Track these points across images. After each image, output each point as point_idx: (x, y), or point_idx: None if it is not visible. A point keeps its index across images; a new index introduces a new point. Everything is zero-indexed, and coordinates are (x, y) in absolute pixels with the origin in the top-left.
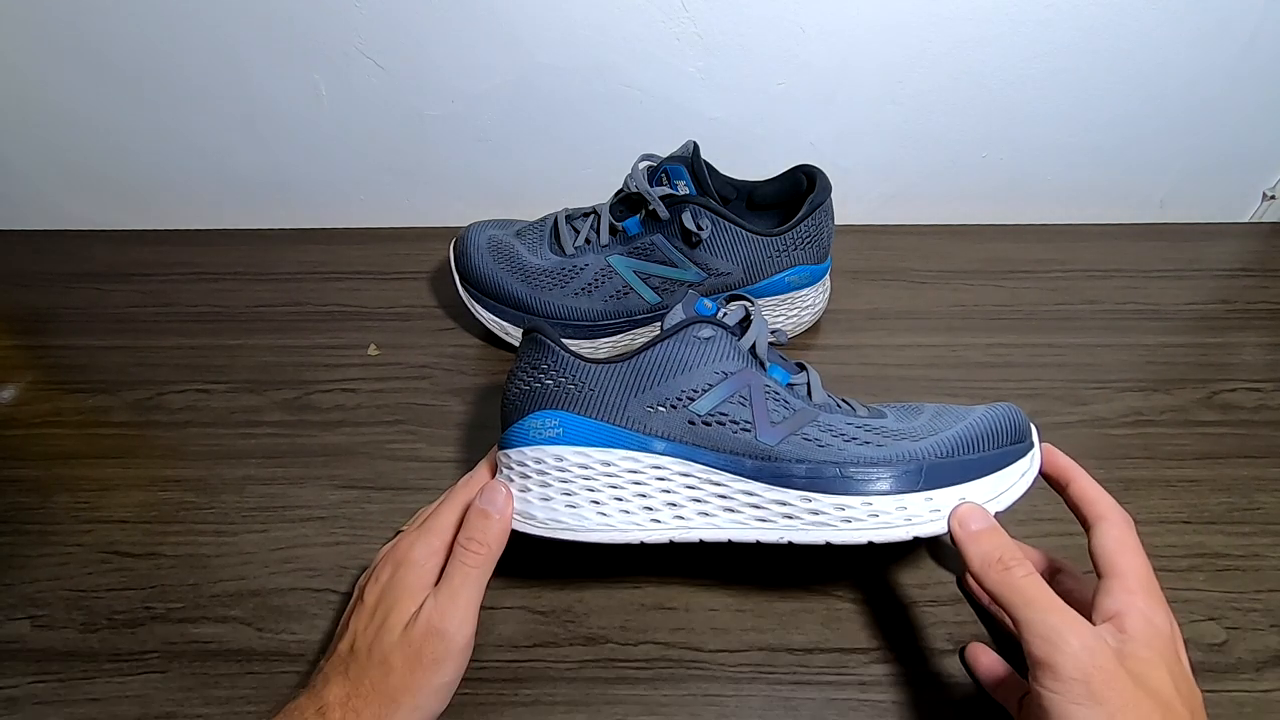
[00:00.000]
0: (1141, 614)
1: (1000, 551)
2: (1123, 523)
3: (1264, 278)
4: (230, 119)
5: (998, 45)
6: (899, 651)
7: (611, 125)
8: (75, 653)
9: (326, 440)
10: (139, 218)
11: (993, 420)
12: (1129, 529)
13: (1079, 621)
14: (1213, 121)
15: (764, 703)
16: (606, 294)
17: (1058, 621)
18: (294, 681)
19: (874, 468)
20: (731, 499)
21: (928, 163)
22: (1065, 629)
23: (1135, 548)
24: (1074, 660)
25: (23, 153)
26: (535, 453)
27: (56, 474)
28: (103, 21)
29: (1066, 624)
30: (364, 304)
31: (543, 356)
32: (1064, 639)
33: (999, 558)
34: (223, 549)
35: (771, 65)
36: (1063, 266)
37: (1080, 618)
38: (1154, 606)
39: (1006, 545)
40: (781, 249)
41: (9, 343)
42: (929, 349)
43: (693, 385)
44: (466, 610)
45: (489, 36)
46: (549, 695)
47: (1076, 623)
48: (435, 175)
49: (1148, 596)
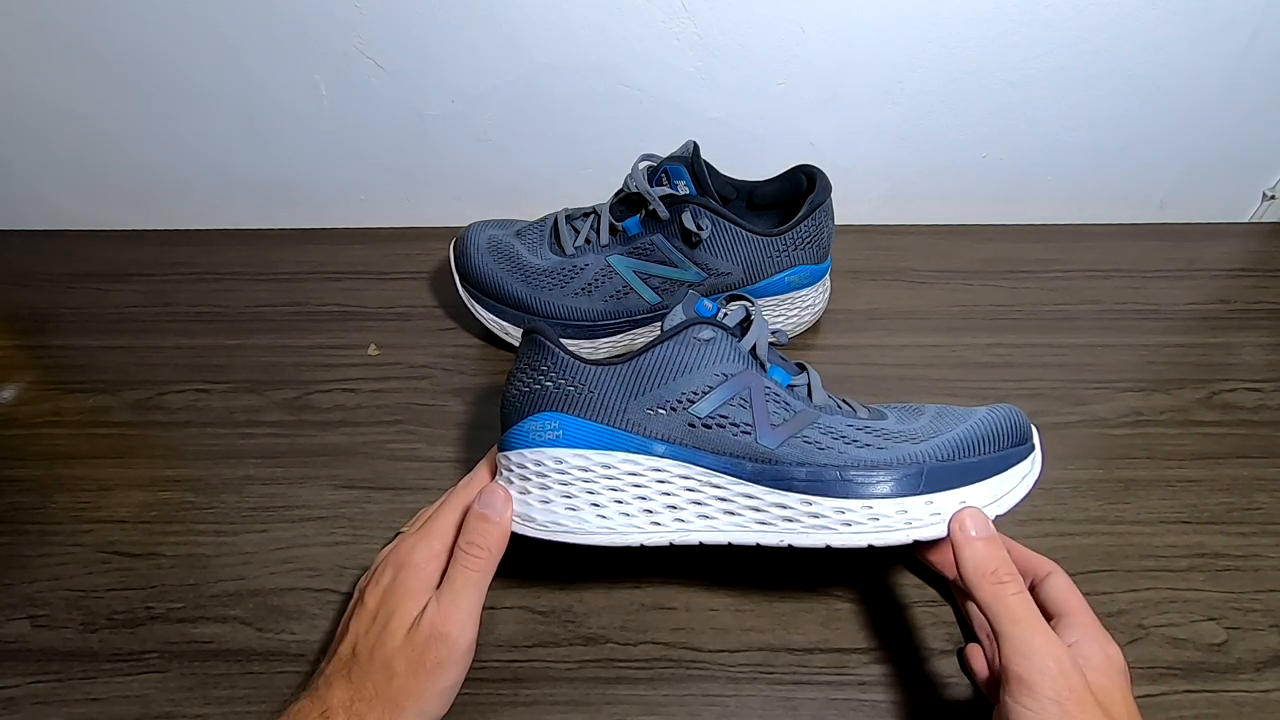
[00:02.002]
0: (1099, 646)
1: (995, 564)
2: (1065, 573)
3: (1264, 278)
4: (230, 119)
5: (998, 45)
6: (899, 651)
7: (611, 125)
8: (75, 653)
9: (326, 440)
10: (139, 218)
11: (994, 422)
12: (1069, 578)
13: (1059, 645)
14: (1213, 121)
15: (764, 703)
16: (606, 294)
17: (1040, 644)
18: (294, 682)
19: (875, 471)
20: (732, 502)
21: (928, 163)
22: (1046, 651)
23: (1079, 593)
24: (1051, 681)
25: (22, 153)
26: (535, 455)
27: (56, 474)
28: (103, 22)
29: (1048, 646)
30: (364, 304)
31: (542, 358)
32: (1044, 660)
33: (993, 570)
34: (223, 549)
35: (771, 65)
36: (1063, 266)
37: (1060, 641)
38: (1108, 641)
39: (1002, 559)
40: (781, 249)
41: (9, 343)
42: (929, 349)
43: (693, 387)
44: (469, 614)
45: (489, 36)
46: (549, 695)
47: (1057, 647)
48: (435, 175)
49: (1100, 632)
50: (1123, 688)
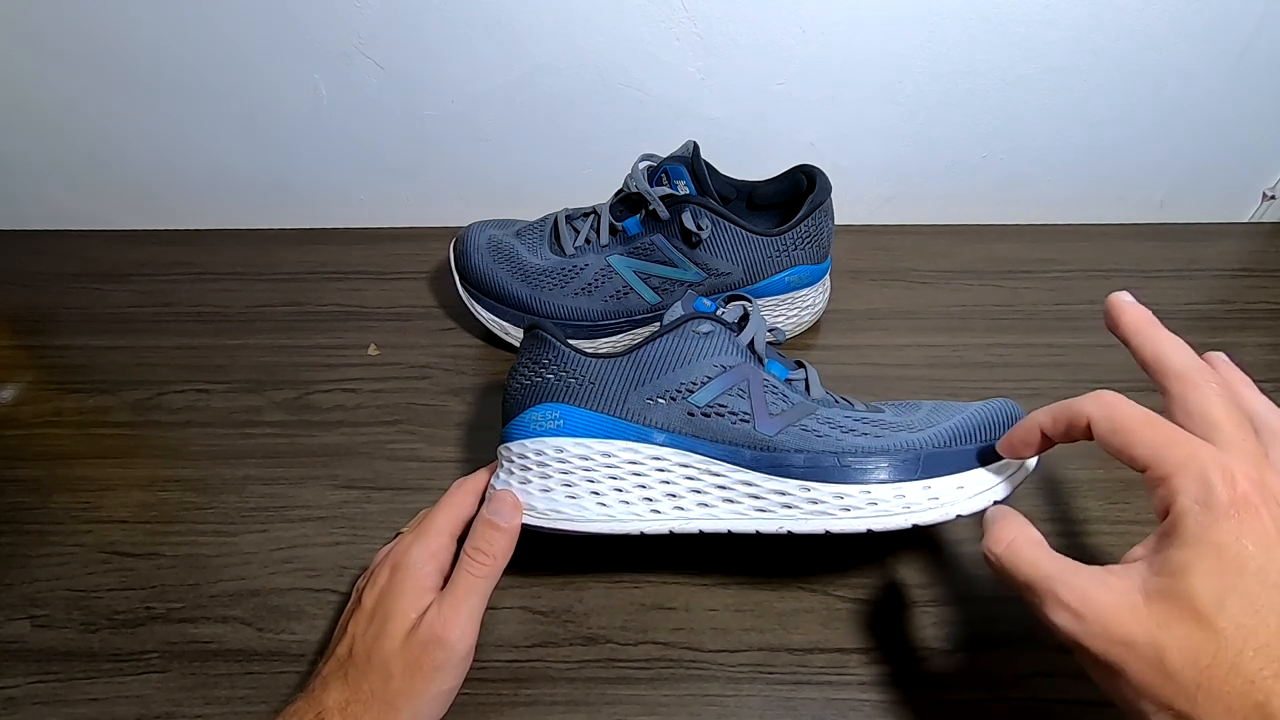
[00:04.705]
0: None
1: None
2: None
3: (1264, 278)
4: (230, 119)
5: (998, 45)
6: (899, 651)
7: (611, 125)
8: (75, 653)
9: (326, 440)
10: (139, 218)
11: (990, 413)
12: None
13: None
14: (1213, 121)
15: (764, 703)
16: (606, 294)
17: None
18: (294, 682)
19: (872, 457)
20: (731, 489)
21: (928, 163)
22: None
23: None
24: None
25: (23, 152)
26: (536, 444)
27: (56, 474)
28: (103, 21)
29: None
30: (364, 304)
31: (544, 352)
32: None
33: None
34: (223, 549)
35: (771, 65)
36: (1063, 266)
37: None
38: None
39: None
40: (781, 249)
41: (9, 343)
42: (929, 349)
43: (692, 378)
44: (469, 619)
45: (489, 36)
46: (549, 695)
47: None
48: (435, 175)
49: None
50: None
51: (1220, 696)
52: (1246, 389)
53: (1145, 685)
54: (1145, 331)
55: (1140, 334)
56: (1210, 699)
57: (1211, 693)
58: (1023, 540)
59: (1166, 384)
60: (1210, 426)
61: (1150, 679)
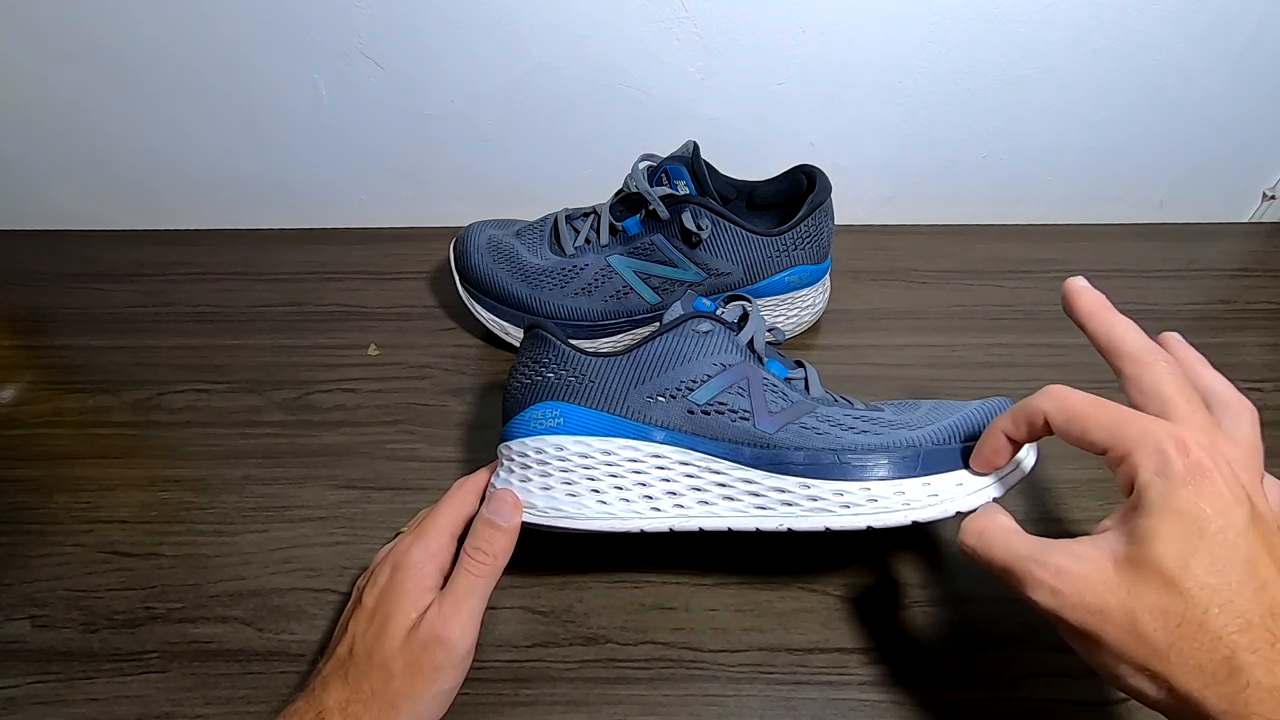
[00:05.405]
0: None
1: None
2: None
3: (1264, 278)
4: (231, 119)
5: (998, 45)
6: (899, 651)
7: (611, 125)
8: (75, 653)
9: (326, 440)
10: (139, 218)
11: (989, 411)
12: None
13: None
14: (1213, 121)
15: (764, 703)
16: (606, 294)
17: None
18: (294, 682)
19: (872, 454)
20: (731, 487)
21: (928, 163)
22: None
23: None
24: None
25: (23, 153)
26: (536, 443)
27: (56, 474)
28: (103, 21)
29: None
30: (364, 304)
31: (544, 351)
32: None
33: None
34: (223, 549)
35: (771, 65)
36: (1063, 266)
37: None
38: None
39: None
40: (781, 249)
41: (9, 343)
42: (929, 349)
43: (691, 376)
44: (470, 619)
45: (489, 36)
46: (549, 695)
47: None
48: (435, 175)
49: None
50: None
51: (1191, 654)
52: (1200, 365)
53: (1122, 649)
54: (1099, 315)
55: (1095, 318)
56: (1182, 657)
57: (1183, 651)
58: (995, 528)
59: (1120, 365)
60: (1163, 402)
61: (1126, 643)
